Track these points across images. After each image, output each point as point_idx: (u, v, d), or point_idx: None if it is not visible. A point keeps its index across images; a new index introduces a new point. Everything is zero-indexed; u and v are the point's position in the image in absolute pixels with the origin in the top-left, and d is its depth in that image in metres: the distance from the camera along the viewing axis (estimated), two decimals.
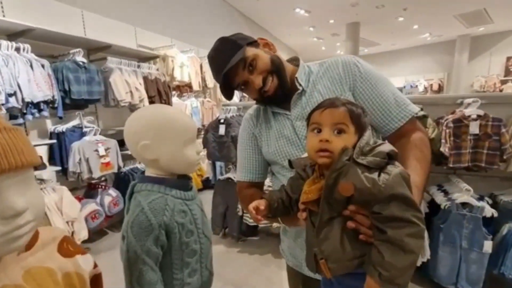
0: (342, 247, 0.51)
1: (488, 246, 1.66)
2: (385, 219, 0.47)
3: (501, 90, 8.16)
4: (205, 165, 3.89)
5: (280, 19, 7.06)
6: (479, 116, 1.72)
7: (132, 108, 2.99)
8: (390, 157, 0.51)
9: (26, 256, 0.35)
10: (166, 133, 0.56)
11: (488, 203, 1.76)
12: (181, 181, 0.61)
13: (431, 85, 9.97)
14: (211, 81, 4.39)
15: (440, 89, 9.90)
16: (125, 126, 0.57)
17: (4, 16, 2.19)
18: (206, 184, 3.90)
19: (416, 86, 10.23)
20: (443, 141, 1.78)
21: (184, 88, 3.98)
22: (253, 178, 0.88)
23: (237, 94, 5.40)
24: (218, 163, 3.53)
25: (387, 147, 0.52)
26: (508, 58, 8.59)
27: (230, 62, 0.69)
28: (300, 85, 0.77)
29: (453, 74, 9.29)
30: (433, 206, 1.95)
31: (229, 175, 2.62)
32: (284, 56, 0.81)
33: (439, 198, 1.88)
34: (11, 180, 0.29)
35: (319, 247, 0.53)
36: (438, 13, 6.90)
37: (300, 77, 0.78)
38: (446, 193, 1.92)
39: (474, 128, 1.71)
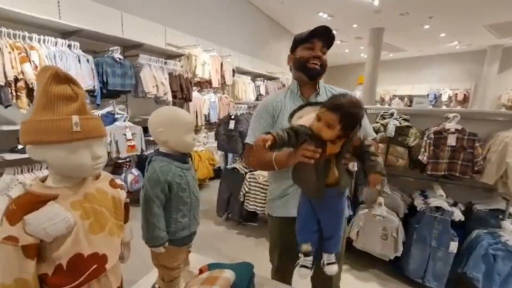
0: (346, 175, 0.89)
1: (453, 246, 1.86)
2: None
3: None
4: (218, 156, 4.24)
5: (303, 21, 7.23)
6: (457, 130, 1.90)
7: (157, 100, 3.40)
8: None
9: (96, 182, 0.68)
10: (173, 124, 0.88)
11: (460, 209, 1.94)
12: (181, 156, 0.93)
13: (456, 94, 9.69)
14: (230, 79, 4.73)
15: (465, 99, 9.59)
16: (150, 118, 0.90)
17: (60, 18, 2.65)
18: (218, 173, 4.25)
19: (440, 94, 9.97)
20: (422, 149, 1.97)
21: (204, 84, 4.34)
22: None
23: (253, 92, 5.65)
24: (230, 155, 3.87)
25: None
26: None
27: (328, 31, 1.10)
28: (319, 88, 1.19)
29: (481, 85, 8.96)
30: (413, 208, 2.16)
31: (235, 165, 2.95)
32: None
33: (418, 202, 2.08)
34: (98, 142, 0.62)
35: (339, 178, 0.87)
36: (466, 23, 6.76)
37: (321, 85, 1.21)
38: (426, 197, 2.12)
39: (451, 140, 1.90)
